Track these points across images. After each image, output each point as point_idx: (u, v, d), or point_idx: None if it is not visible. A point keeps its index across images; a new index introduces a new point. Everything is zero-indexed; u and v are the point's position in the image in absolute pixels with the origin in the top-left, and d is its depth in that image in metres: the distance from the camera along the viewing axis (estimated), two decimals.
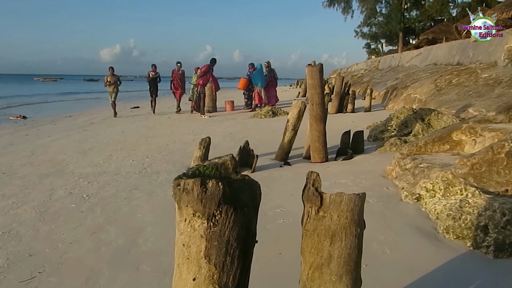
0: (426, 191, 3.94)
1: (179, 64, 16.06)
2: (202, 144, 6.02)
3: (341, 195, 1.42)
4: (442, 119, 7.32)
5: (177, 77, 16.09)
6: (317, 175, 1.47)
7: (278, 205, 4.20)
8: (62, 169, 6.60)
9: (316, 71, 5.71)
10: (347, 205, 1.42)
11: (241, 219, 1.35)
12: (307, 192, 1.48)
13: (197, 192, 1.28)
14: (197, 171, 1.46)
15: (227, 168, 1.48)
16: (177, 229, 1.40)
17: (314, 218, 1.48)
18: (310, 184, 1.48)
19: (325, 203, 1.45)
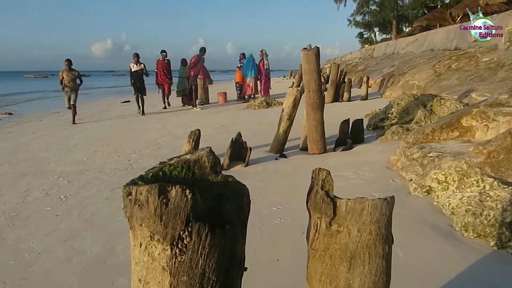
0: (437, 183, 3.56)
1: (164, 53, 14.33)
2: (191, 137, 5.60)
3: (363, 202, 1.01)
4: (445, 105, 6.94)
5: (162, 68, 14.27)
6: (328, 173, 1.06)
7: (274, 202, 3.80)
8: (42, 168, 6.15)
9: (312, 55, 5.28)
10: (371, 214, 1.01)
11: (222, 242, 0.94)
12: (314, 197, 1.07)
13: (154, 206, 0.87)
14: (160, 172, 1.05)
15: (202, 166, 1.07)
16: (131, 257, 0.99)
17: (325, 233, 1.07)
18: (318, 186, 1.07)
19: (340, 213, 1.04)
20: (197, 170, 1.07)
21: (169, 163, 1.07)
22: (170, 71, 14.61)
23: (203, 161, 1.08)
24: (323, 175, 1.06)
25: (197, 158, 1.07)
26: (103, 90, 35.61)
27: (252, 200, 3.54)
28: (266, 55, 15.42)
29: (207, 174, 1.07)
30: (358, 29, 48.93)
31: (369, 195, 3.84)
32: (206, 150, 1.10)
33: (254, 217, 3.47)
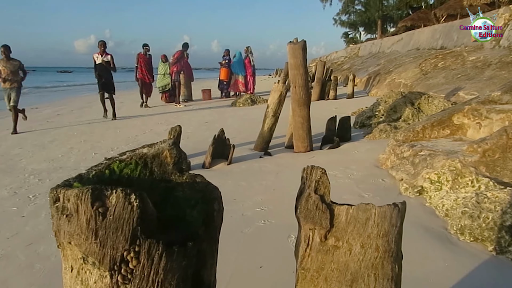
0: (430, 183, 3.38)
1: (147, 47, 13.12)
2: (171, 134, 5.32)
3: (368, 209, 0.79)
4: (433, 103, 6.82)
5: (144, 63, 13.05)
6: (323, 172, 0.84)
7: (257, 203, 3.56)
8: (13, 165, 5.81)
9: (298, 49, 5.06)
10: (379, 225, 0.79)
11: (182, 265, 0.70)
12: (305, 203, 0.85)
13: (86, 217, 0.63)
14: (107, 170, 0.80)
15: (163, 163, 0.84)
16: (63, 284, 0.75)
17: (319, 249, 0.84)
18: (310, 189, 0.84)
19: (339, 223, 0.81)
20: (156, 167, 0.83)
21: (119, 159, 0.83)
22: (151, 67, 13.49)
23: (164, 156, 0.84)
24: (317, 174, 0.84)
25: (156, 153, 0.84)
26: (85, 87, 34.90)
27: (235, 200, 3.29)
28: (251, 53, 15.21)
29: (169, 173, 0.84)
30: (344, 28, 49.12)
31: (358, 195, 3.65)
32: (167, 143, 0.86)
33: (237, 218, 3.23)
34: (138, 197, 0.63)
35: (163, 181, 0.83)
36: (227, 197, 3.80)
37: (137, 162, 0.82)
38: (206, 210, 0.78)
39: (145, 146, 0.86)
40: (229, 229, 3.01)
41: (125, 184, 0.79)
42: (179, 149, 0.86)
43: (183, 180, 0.83)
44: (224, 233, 2.91)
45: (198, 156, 5.56)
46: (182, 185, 0.82)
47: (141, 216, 0.64)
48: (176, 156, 0.84)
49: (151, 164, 0.82)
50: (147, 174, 0.82)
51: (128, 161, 0.81)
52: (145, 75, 13.12)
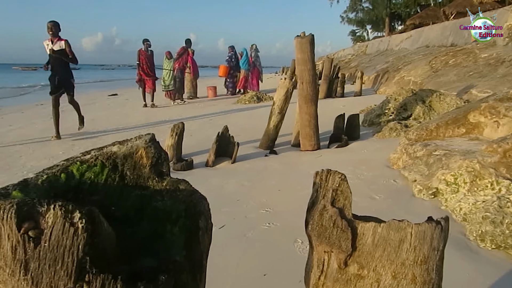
0: (446, 185, 3.17)
1: (148, 42, 12.17)
2: (174, 131, 5.17)
3: (402, 228, 0.61)
4: (445, 100, 6.58)
5: (145, 60, 12.10)
6: (342, 179, 0.66)
7: (262, 204, 3.37)
8: (11, 162, 5.67)
9: (306, 43, 4.85)
10: (416, 249, 0.61)
11: None
12: (319, 218, 0.66)
13: (12, 243, 0.45)
14: (63, 174, 0.62)
15: (137, 165, 0.65)
16: None
17: (336, 278, 0.66)
18: (326, 200, 0.65)
19: (364, 245, 0.63)
20: (129, 171, 0.65)
21: (80, 159, 0.64)
22: (153, 64, 12.46)
23: (139, 156, 0.65)
24: (335, 181, 0.65)
25: (128, 152, 0.65)
26: (91, 84, 34.96)
27: (238, 201, 3.08)
28: (255, 50, 15.11)
29: (145, 178, 0.65)
30: (351, 26, 48.74)
31: (369, 197, 3.44)
32: (144, 139, 0.67)
33: (239, 220, 3.05)
34: (84, 216, 0.45)
35: (138, 188, 0.64)
36: (230, 197, 3.63)
37: (103, 164, 0.63)
38: (189, 228, 0.60)
39: (115, 143, 0.67)
40: (231, 233, 2.83)
41: (86, 192, 0.61)
42: (158, 147, 0.67)
43: (162, 187, 0.64)
44: (225, 236, 2.72)
45: (202, 154, 5.38)
46: (161, 193, 0.64)
47: (91, 241, 0.46)
48: (154, 156, 0.66)
49: (122, 166, 0.64)
50: (117, 179, 0.64)
51: (92, 162, 0.63)
52: (147, 73, 12.26)
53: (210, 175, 4.44)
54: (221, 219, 3.07)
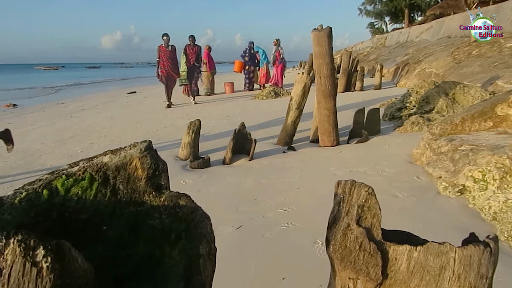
0: (473, 182, 3.02)
1: (166, 37, 11.05)
2: (190, 128, 5.11)
3: (442, 251, 0.52)
4: (469, 93, 6.34)
5: (166, 57, 11.09)
6: (369, 193, 0.56)
7: (280, 203, 3.28)
8: (31, 162, 5.73)
9: (324, 36, 4.72)
10: (460, 278, 0.51)
11: None
12: (342, 238, 0.57)
13: None
14: (46, 190, 0.54)
15: (131, 177, 0.57)
16: None
17: None
18: (350, 218, 0.55)
19: (397, 273, 0.53)
20: (122, 184, 0.57)
21: (67, 172, 0.56)
22: (176, 61, 11.38)
23: (133, 168, 0.57)
24: (361, 196, 0.55)
25: (121, 163, 0.57)
26: (111, 82, 35.40)
27: (256, 200, 2.98)
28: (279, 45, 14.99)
29: (140, 192, 0.57)
30: (369, 18, 47.94)
31: (391, 195, 3.31)
32: (139, 147, 0.59)
33: (257, 220, 2.96)
34: (49, 253, 0.37)
35: (132, 204, 0.56)
36: (247, 196, 3.54)
37: (92, 177, 0.55)
38: (189, 254, 0.51)
39: (107, 152, 0.59)
40: (249, 233, 2.75)
41: (73, 210, 0.53)
42: (155, 156, 0.59)
43: (160, 203, 0.56)
44: (243, 238, 2.64)
45: (219, 152, 5.32)
46: (159, 210, 0.56)
47: (61, 282, 0.38)
48: (151, 167, 0.57)
49: (114, 179, 0.56)
50: (108, 194, 0.56)
51: (80, 175, 0.55)
52: (169, 71, 11.24)
53: (227, 173, 4.37)
54: (238, 219, 3.00)
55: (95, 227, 0.53)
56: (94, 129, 8.37)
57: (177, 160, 5.17)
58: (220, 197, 3.57)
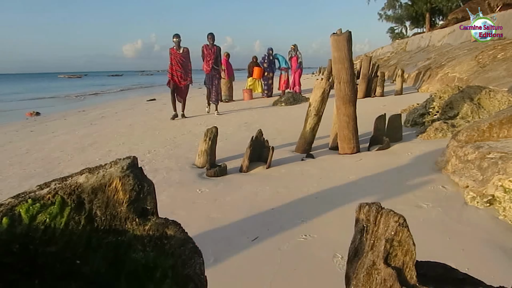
0: (503, 192, 2.84)
1: (177, 38, 9.84)
2: (207, 136, 5.05)
3: None
4: (495, 97, 6.10)
5: (175, 60, 9.88)
6: (400, 223, 0.44)
7: (298, 213, 3.16)
8: (51, 169, 5.75)
9: (343, 40, 4.59)
10: None
11: None
12: (366, 278, 0.45)
13: None
14: (6, 217, 0.45)
15: (110, 201, 0.48)
16: None
17: None
18: (377, 255, 0.44)
19: None
20: (99, 209, 0.49)
21: (34, 195, 0.47)
22: (188, 66, 10.09)
23: (113, 190, 0.49)
24: (390, 226, 0.44)
25: (98, 184, 0.49)
26: (132, 90, 35.93)
27: (273, 210, 2.87)
28: (297, 50, 14.94)
29: (121, 219, 0.49)
30: (389, 23, 47.45)
31: (415, 206, 3.14)
32: (120, 165, 0.51)
33: (274, 232, 2.85)
34: None
35: (112, 233, 0.47)
36: (264, 206, 3.43)
37: (64, 201, 0.47)
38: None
39: (84, 170, 0.50)
40: (265, 245, 2.64)
41: (39, 242, 0.43)
42: (139, 175, 0.50)
43: (145, 232, 0.47)
44: (258, 250, 2.52)
45: (237, 159, 5.24)
46: (143, 241, 0.47)
47: None
48: (134, 189, 0.48)
49: (89, 203, 0.47)
50: (82, 221, 0.47)
51: (49, 198, 0.46)
52: (178, 77, 10.06)
53: (244, 181, 4.27)
54: (254, 230, 2.90)
55: (67, 262, 0.44)
56: (113, 136, 8.41)
57: (194, 168, 5.11)
58: (236, 207, 3.47)
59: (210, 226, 3.11)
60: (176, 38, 9.88)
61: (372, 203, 0.52)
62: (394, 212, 0.50)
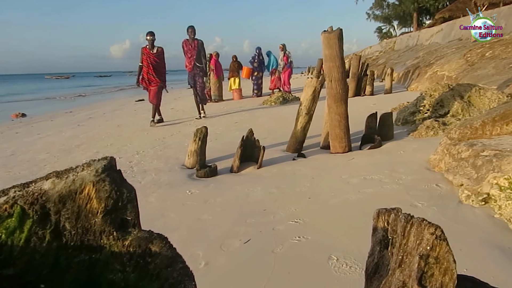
0: (499, 190, 2.80)
1: (151, 36, 8.89)
2: (197, 136, 4.96)
3: None
4: (485, 95, 6.11)
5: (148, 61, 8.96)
6: (438, 236, 0.37)
7: (291, 214, 3.09)
8: (36, 171, 5.60)
9: (334, 38, 4.53)
10: None
11: None
12: None
13: None
14: None
15: (82, 211, 0.39)
16: None
17: None
18: (407, 274, 0.36)
19: None
20: (68, 222, 0.41)
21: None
22: (162, 67, 9.21)
23: (85, 198, 0.40)
24: (425, 239, 0.36)
25: (67, 191, 0.40)
26: (120, 91, 35.58)
27: (265, 211, 2.77)
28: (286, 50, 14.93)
29: (96, 233, 0.40)
30: (377, 23, 47.86)
31: (410, 205, 3.08)
32: (94, 168, 0.42)
33: (267, 234, 2.77)
34: None
35: (84, 251, 0.39)
36: (256, 207, 3.35)
37: (24, 212, 0.38)
38: None
39: (50, 175, 0.42)
40: (257, 248, 2.56)
41: None
42: (118, 180, 0.41)
43: (124, 249, 0.38)
44: (251, 253, 2.43)
45: (227, 159, 5.16)
46: (121, 259, 0.38)
47: None
48: (111, 197, 0.40)
49: (56, 214, 0.39)
50: (48, 237, 0.38)
51: (6, 209, 0.38)
52: (150, 79, 9.06)
53: (235, 182, 4.19)
54: (246, 232, 2.82)
55: (29, 287, 0.35)
56: (101, 137, 8.27)
57: (184, 168, 5.01)
58: (228, 208, 3.39)
59: (201, 228, 3.02)
60: (149, 36, 8.88)
61: (393, 208, 0.45)
62: (428, 222, 0.43)
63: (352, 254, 2.33)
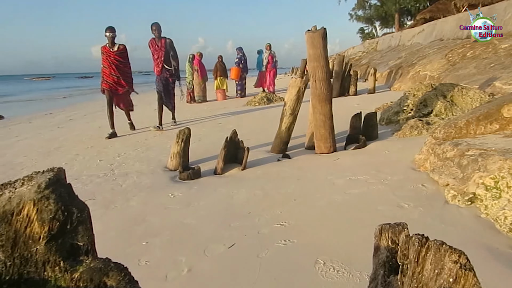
0: (485, 190, 2.78)
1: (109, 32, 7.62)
2: (179, 137, 4.86)
3: None
4: (468, 94, 6.15)
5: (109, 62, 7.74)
6: (462, 265, 0.29)
7: (276, 217, 3.02)
8: (12, 175, 5.41)
9: (318, 37, 4.49)
10: None
11: None
12: None
13: None
14: None
15: (20, 236, 0.32)
16: None
17: None
18: None
19: None
20: (2, 250, 0.31)
21: None
22: (127, 67, 8.00)
23: (22, 220, 0.31)
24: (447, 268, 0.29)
25: (1, 212, 0.31)
26: None
27: (249, 214, 2.66)
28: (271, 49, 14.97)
29: (38, 263, 0.31)
30: (360, 23, 48.26)
31: (396, 205, 3.04)
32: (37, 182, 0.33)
33: (252, 238, 2.70)
34: None
35: (24, 286, 0.31)
36: (240, 210, 3.27)
37: None
38: None
39: None
40: (242, 253, 2.48)
41: None
42: (66, 196, 0.33)
43: (72, 283, 0.31)
44: (235, 258, 2.35)
45: (211, 161, 5.06)
46: None
47: None
48: (57, 218, 0.32)
49: None
50: None
51: None
52: (112, 82, 7.88)
53: (218, 184, 4.10)
54: (231, 236, 2.74)
55: None
56: (81, 139, 8.07)
57: (166, 171, 4.90)
58: (211, 212, 3.30)
59: (184, 233, 2.93)
60: (108, 33, 7.59)
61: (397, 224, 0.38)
62: (449, 246, 0.36)
63: (339, 257, 2.28)
